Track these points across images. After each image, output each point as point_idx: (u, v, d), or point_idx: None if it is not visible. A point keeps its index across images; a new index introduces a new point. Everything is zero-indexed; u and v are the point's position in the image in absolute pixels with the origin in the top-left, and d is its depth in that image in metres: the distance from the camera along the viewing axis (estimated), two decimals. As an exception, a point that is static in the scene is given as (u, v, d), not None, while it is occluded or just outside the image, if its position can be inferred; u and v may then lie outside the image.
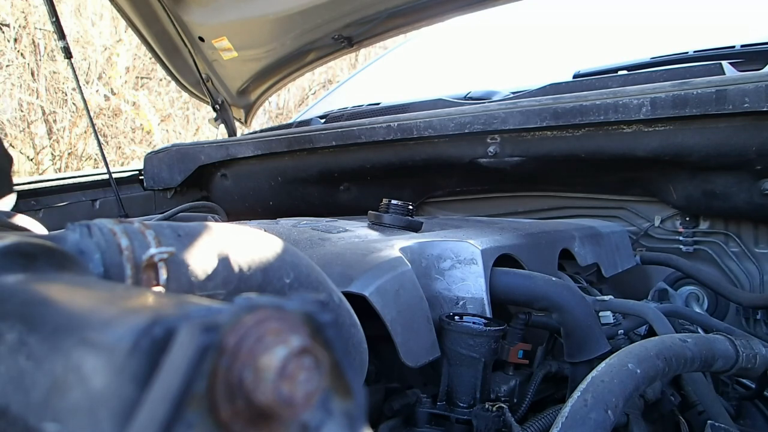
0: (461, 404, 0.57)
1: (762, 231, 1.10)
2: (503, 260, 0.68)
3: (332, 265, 0.55)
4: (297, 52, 1.71)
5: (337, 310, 0.41)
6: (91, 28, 4.67)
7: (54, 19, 1.40)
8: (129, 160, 5.00)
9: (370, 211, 0.84)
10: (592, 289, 0.94)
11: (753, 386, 0.74)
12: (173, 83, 1.96)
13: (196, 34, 1.67)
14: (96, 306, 0.18)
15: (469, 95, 1.37)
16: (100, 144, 1.66)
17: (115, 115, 4.95)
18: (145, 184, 1.65)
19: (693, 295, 1.12)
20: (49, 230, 0.38)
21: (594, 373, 0.49)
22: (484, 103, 1.27)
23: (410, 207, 0.82)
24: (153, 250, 0.29)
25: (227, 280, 0.33)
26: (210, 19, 1.62)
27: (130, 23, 1.66)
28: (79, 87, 1.57)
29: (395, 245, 0.61)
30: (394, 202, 0.80)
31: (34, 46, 4.64)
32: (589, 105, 1.03)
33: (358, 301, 0.48)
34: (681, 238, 1.16)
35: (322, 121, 1.57)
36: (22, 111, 4.70)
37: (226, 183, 1.60)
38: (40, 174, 4.54)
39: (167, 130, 5.29)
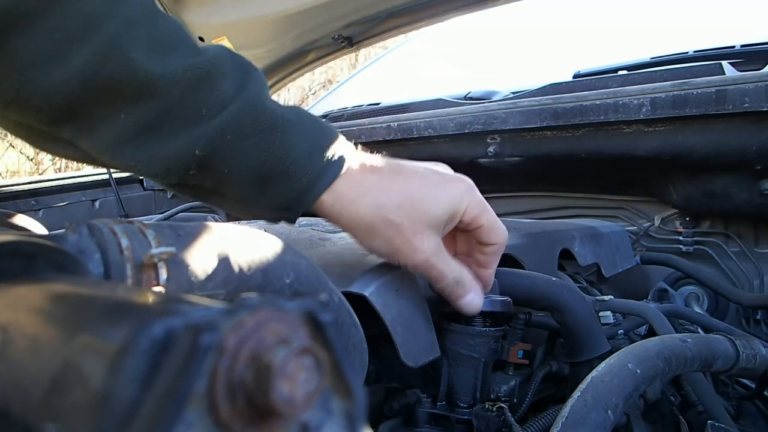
0: (461, 404, 0.57)
1: (762, 231, 1.10)
2: (503, 260, 0.68)
3: (332, 265, 0.55)
4: (297, 52, 1.71)
5: (337, 310, 0.41)
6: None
7: (54, 19, 1.40)
8: (129, 160, 4.99)
9: None
10: (592, 289, 0.93)
11: (753, 386, 0.74)
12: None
13: (196, 33, 1.67)
14: (96, 306, 0.18)
15: (469, 95, 1.37)
16: (100, 144, 1.65)
17: (115, 115, 4.94)
18: (145, 184, 1.65)
19: (693, 295, 1.12)
20: (49, 230, 0.38)
21: (594, 373, 0.49)
22: (484, 103, 1.27)
23: None
24: (153, 250, 0.29)
25: (227, 280, 0.33)
26: (210, 18, 1.62)
27: (130, 23, 1.66)
28: (79, 87, 1.57)
29: (395, 245, 0.61)
30: None
31: (34, 46, 4.62)
32: (589, 105, 1.03)
33: (358, 301, 0.48)
34: (681, 238, 1.16)
35: (322, 121, 1.57)
36: (22, 111, 4.69)
37: (226, 183, 1.59)
38: (40, 174, 4.54)
39: (167, 130, 5.28)
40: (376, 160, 0.51)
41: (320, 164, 0.47)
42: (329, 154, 0.47)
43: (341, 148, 0.49)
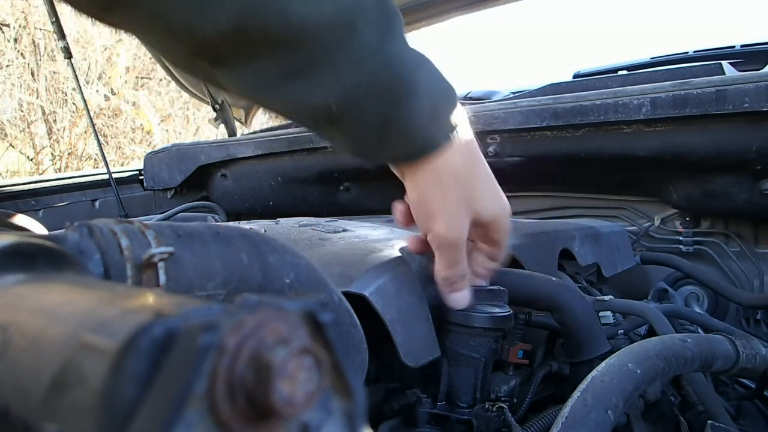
0: (461, 404, 0.57)
1: (762, 231, 1.10)
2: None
3: (332, 265, 0.55)
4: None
5: (337, 310, 0.41)
6: (91, 27, 4.67)
7: (54, 19, 1.40)
8: (129, 160, 5.01)
9: None
10: (592, 289, 0.93)
11: (753, 386, 0.74)
12: (173, 83, 1.95)
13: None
14: (96, 306, 0.18)
15: (469, 95, 1.38)
16: (100, 144, 1.66)
17: (115, 115, 4.96)
18: (145, 184, 1.65)
19: (693, 295, 1.12)
20: (49, 230, 0.38)
21: (594, 373, 0.49)
22: (484, 103, 1.27)
23: None
24: (153, 250, 0.29)
25: (227, 280, 0.33)
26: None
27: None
28: (79, 87, 1.57)
29: (395, 245, 0.61)
30: None
31: (34, 46, 4.64)
32: (589, 105, 1.03)
33: (358, 301, 0.48)
34: (681, 238, 1.16)
35: (322, 121, 1.57)
36: (22, 111, 4.71)
37: (226, 183, 1.60)
38: (40, 174, 4.54)
39: (167, 130, 5.29)
40: (472, 138, 0.54)
41: (435, 132, 0.49)
42: (444, 123, 0.49)
43: (455, 117, 0.51)
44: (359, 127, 0.47)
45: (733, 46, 1.30)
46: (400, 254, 0.58)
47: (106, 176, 1.51)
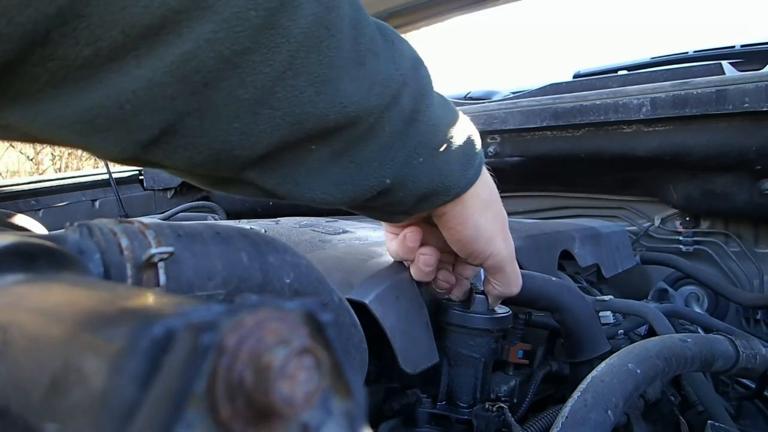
0: (462, 404, 0.57)
1: (762, 231, 1.10)
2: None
3: (332, 271, 0.55)
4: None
5: (337, 310, 0.41)
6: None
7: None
8: (129, 160, 4.99)
9: None
10: (592, 289, 0.93)
11: (753, 386, 0.74)
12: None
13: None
14: (96, 306, 0.18)
15: (469, 95, 1.38)
16: (100, 144, 1.65)
17: (115, 115, 4.95)
18: (145, 184, 1.65)
19: (693, 295, 1.12)
20: (49, 230, 0.38)
21: (594, 373, 0.49)
22: (484, 103, 1.27)
23: None
24: (153, 250, 0.29)
25: (227, 280, 0.33)
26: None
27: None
28: (79, 87, 1.57)
29: (395, 245, 0.61)
30: None
31: (34, 46, 4.63)
32: (589, 105, 1.03)
33: (357, 305, 0.48)
34: (681, 238, 1.16)
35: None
36: (22, 111, 4.70)
37: (226, 183, 1.59)
38: (40, 174, 4.54)
39: (167, 130, 5.28)
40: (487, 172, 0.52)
41: (467, 177, 0.47)
42: (473, 164, 0.48)
43: (479, 153, 0.49)
44: (409, 193, 0.44)
45: (733, 46, 1.30)
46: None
47: (106, 176, 1.51)
